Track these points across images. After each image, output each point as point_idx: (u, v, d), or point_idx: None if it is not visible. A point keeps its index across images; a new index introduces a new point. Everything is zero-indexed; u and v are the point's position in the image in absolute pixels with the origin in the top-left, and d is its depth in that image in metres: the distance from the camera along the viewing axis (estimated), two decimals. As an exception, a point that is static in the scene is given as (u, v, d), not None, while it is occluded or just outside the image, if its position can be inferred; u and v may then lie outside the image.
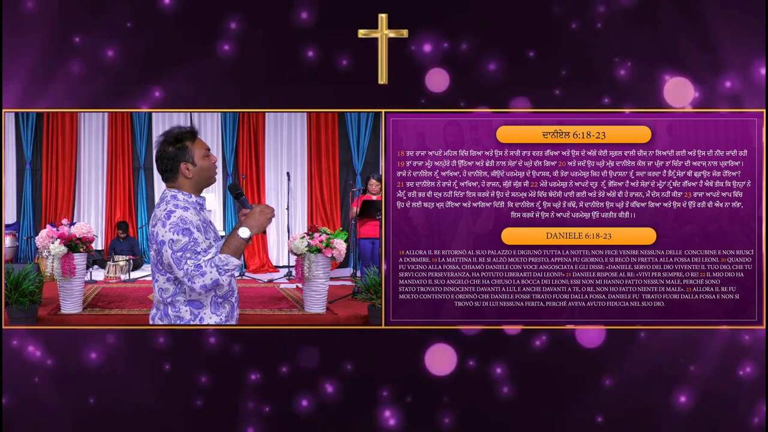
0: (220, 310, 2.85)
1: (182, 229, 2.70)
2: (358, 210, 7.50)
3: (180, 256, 2.69)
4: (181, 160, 2.79)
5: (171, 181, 2.83)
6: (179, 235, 2.70)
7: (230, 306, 2.89)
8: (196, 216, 2.77)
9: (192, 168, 2.80)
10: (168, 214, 2.73)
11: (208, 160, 2.84)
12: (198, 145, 2.82)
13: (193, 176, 2.81)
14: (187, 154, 2.80)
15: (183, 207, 2.76)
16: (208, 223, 2.87)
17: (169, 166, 2.80)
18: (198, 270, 2.68)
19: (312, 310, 6.17)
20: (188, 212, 2.75)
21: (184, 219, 2.72)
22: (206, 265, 2.69)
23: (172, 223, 2.71)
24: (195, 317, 2.80)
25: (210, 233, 2.85)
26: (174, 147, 2.79)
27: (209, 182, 2.87)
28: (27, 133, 9.35)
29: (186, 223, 2.71)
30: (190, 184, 2.82)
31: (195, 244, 2.71)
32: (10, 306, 5.46)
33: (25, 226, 9.35)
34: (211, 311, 2.83)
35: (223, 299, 2.85)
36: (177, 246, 2.69)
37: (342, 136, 9.68)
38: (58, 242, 5.90)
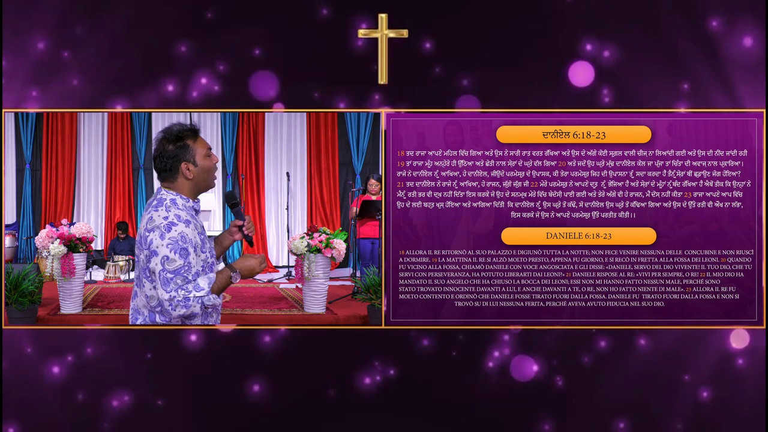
0: (208, 320, 2.76)
1: (181, 248, 2.57)
2: (357, 210, 7.50)
3: (170, 279, 2.56)
4: (182, 160, 2.65)
5: (169, 182, 2.68)
6: (176, 254, 2.56)
7: (217, 314, 2.83)
8: (194, 231, 2.63)
9: (193, 168, 2.66)
10: (169, 226, 2.58)
11: (209, 160, 2.70)
12: (200, 144, 2.68)
13: (194, 177, 2.67)
14: (189, 153, 2.65)
15: (185, 220, 2.61)
16: (203, 231, 2.73)
17: (168, 165, 2.65)
18: (185, 302, 2.57)
19: (312, 310, 6.18)
20: (189, 227, 2.60)
21: (185, 237, 2.58)
22: (194, 301, 2.58)
23: (172, 238, 2.57)
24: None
25: (206, 245, 2.72)
26: (175, 145, 2.65)
27: (209, 185, 2.74)
28: (27, 133, 9.35)
29: (186, 242, 2.58)
30: (189, 186, 2.68)
31: (188, 270, 2.58)
32: (9, 306, 5.46)
33: (25, 226, 9.35)
34: (201, 321, 2.72)
35: (212, 308, 2.73)
36: (170, 266, 2.56)
37: (342, 136, 9.69)
38: (58, 242, 5.90)
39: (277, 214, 9.75)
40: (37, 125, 9.42)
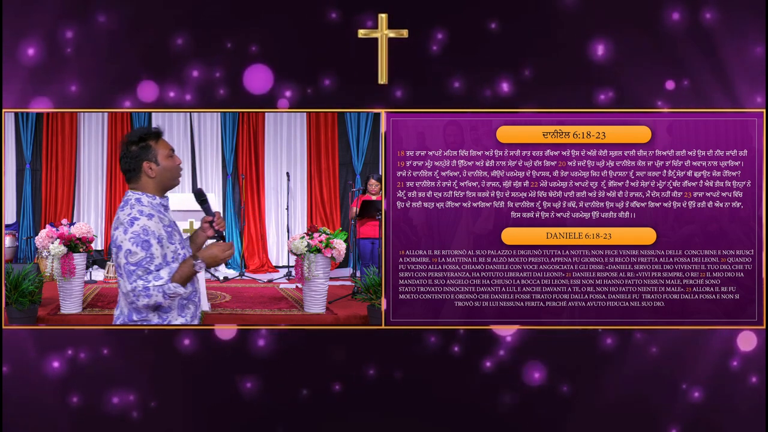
0: (185, 312, 2.86)
1: (142, 241, 2.71)
2: (357, 210, 7.50)
3: (132, 271, 2.70)
4: (143, 159, 2.79)
5: (134, 182, 2.82)
6: (138, 247, 2.70)
7: (194, 306, 2.91)
8: (159, 224, 2.77)
9: (155, 167, 2.80)
10: (132, 221, 2.72)
11: (172, 160, 2.84)
12: (161, 145, 2.83)
13: (157, 176, 2.81)
14: (150, 154, 2.80)
15: (147, 214, 2.75)
16: (174, 227, 2.87)
17: (132, 165, 2.80)
18: (146, 291, 2.70)
19: (311, 310, 6.18)
20: (152, 220, 2.74)
21: (147, 230, 2.72)
22: (154, 290, 2.71)
23: (134, 232, 2.71)
24: (163, 321, 2.82)
25: (175, 236, 2.83)
26: (137, 146, 2.80)
27: (173, 183, 2.87)
28: (27, 134, 9.35)
29: (147, 235, 2.72)
30: (154, 185, 2.82)
31: (150, 261, 2.71)
32: (9, 306, 5.46)
33: (25, 226, 9.34)
34: (178, 314, 2.84)
35: (187, 300, 2.86)
36: (133, 259, 2.70)
37: (342, 136, 9.68)
38: (58, 242, 5.90)
39: (277, 214, 9.75)
40: (38, 125, 9.42)
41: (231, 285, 8.09)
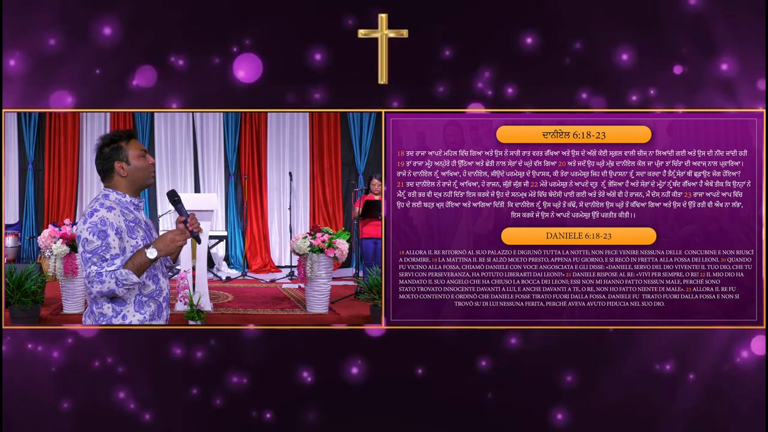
0: (144, 309, 2.90)
1: (99, 230, 2.79)
2: (360, 210, 7.50)
3: (88, 258, 2.79)
4: (115, 159, 2.91)
5: (107, 181, 2.93)
6: (94, 236, 2.79)
7: (156, 305, 2.94)
8: (120, 217, 2.84)
9: (127, 167, 2.90)
10: (92, 212, 2.82)
11: (144, 160, 2.94)
12: (133, 146, 2.93)
13: (128, 175, 2.91)
14: (122, 154, 2.91)
15: (108, 207, 2.85)
16: (138, 223, 2.92)
17: (104, 165, 2.92)
18: (98, 277, 2.77)
19: (314, 310, 6.18)
20: (112, 213, 2.83)
21: (104, 220, 2.81)
22: (106, 275, 2.77)
23: (92, 222, 2.80)
24: (117, 314, 2.87)
25: (138, 232, 2.89)
26: (109, 147, 2.92)
27: (146, 183, 2.97)
28: (29, 134, 9.37)
29: (105, 225, 2.80)
30: (126, 184, 2.92)
31: (105, 250, 2.79)
32: (12, 306, 5.47)
33: (28, 226, 9.36)
34: (135, 309, 2.88)
35: (149, 298, 2.91)
36: (89, 247, 2.79)
37: (344, 136, 9.68)
38: (61, 242, 5.91)
39: (279, 214, 9.76)
40: (40, 125, 9.44)
41: (233, 285, 8.10)
